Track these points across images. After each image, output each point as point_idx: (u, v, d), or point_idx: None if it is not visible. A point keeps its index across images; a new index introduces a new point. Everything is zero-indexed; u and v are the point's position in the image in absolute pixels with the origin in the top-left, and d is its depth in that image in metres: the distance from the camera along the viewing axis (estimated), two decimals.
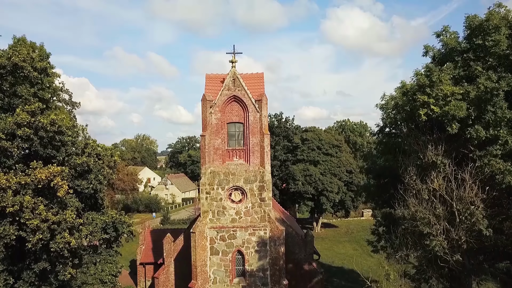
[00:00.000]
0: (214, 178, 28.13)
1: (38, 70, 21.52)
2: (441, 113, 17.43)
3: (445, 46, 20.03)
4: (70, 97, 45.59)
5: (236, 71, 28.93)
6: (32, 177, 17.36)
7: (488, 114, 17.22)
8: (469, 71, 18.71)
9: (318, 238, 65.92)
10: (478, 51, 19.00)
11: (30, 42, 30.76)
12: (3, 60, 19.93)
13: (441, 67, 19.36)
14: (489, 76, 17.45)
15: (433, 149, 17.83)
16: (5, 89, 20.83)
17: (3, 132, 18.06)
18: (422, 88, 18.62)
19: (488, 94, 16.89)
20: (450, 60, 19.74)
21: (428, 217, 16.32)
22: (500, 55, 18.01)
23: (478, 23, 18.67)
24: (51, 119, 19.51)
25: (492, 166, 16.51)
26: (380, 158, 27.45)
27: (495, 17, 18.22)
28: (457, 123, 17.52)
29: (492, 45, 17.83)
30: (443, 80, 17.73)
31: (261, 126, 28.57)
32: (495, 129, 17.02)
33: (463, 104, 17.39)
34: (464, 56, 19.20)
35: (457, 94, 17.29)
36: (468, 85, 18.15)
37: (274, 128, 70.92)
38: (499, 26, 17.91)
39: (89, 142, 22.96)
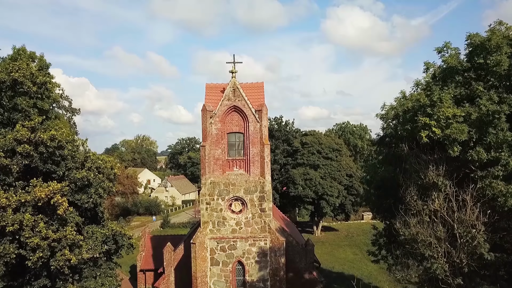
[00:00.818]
0: (214, 189, 28.10)
1: (38, 84, 21.45)
2: (443, 136, 17.40)
3: (446, 64, 19.94)
4: (70, 103, 45.62)
5: (236, 81, 28.90)
6: (32, 195, 17.31)
7: (489, 136, 17.18)
8: (470, 91, 18.65)
9: (318, 242, 65.91)
10: (479, 70, 18.94)
11: (30, 52, 30.79)
12: (3, 75, 19.88)
13: (442, 86, 19.30)
14: (490, 97, 17.40)
15: (434, 169, 17.81)
16: (5, 103, 20.77)
17: (3, 149, 18.00)
18: (423, 108, 18.58)
19: (490, 116, 16.85)
20: (451, 78, 19.65)
21: (429, 239, 16.29)
22: (501, 75, 17.96)
23: (480, 42, 18.60)
24: (51, 134, 19.46)
25: (494, 188, 16.48)
26: (380, 168, 27.40)
27: (496, 35, 18.16)
28: (458, 146, 17.48)
29: (494, 65, 17.77)
30: (444, 100, 17.69)
31: (261, 136, 28.54)
32: (496, 151, 16.99)
33: (464, 127, 17.35)
34: (465, 75, 19.13)
35: (458, 116, 17.24)
36: (469, 105, 18.09)
37: (274, 132, 70.86)
38: (501, 46, 17.85)
39: (89, 155, 22.92)
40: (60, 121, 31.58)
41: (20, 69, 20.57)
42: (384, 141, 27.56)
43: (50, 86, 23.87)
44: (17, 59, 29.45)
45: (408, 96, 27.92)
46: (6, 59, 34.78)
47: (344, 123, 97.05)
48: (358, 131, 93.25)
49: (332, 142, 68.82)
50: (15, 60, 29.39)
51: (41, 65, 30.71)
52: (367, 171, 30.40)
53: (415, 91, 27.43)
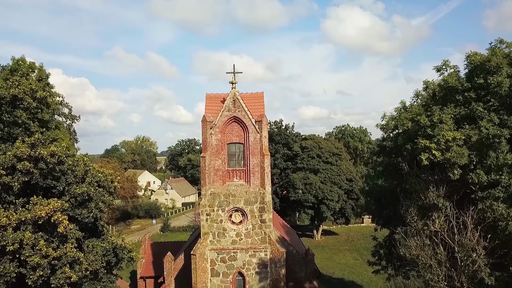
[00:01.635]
0: (214, 200, 28.09)
1: (38, 99, 21.43)
2: (443, 159, 17.39)
3: (446, 83, 19.90)
4: (70, 110, 45.60)
5: (237, 92, 28.89)
6: (33, 213, 17.30)
7: (489, 159, 17.17)
8: (470, 111, 18.63)
9: (318, 246, 66.02)
10: (479, 89, 18.92)
11: (29, 63, 30.73)
12: (3, 91, 19.85)
13: (442, 106, 19.28)
14: (490, 119, 17.39)
15: (434, 190, 17.80)
16: (5, 119, 20.75)
17: (3, 166, 17.98)
18: (423, 129, 18.57)
19: (490, 139, 16.83)
20: (451, 98, 19.62)
21: (429, 262, 16.28)
22: (502, 96, 17.93)
23: (479, 62, 18.56)
24: (51, 150, 19.45)
25: (495, 211, 16.46)
26: (380, 180, 27.41)
27: (497, 55, 18.13)
28: (458, 169, 17.46)
29: (494, 86, 17.75)
30: (444, 121, 17.67)
31: (261, 147, 28.52)
32: (496, 174, 16.98)
33: (464, 151, 17.34)
34: (466, 95, 19.11)
35: (458, 139, 17.23)
36: (470, 127, 18.07)
37: (274, 136, 70.92)
38: (501, 66, 17.82)
39: (89, 168, 22.90)
40: (60, 131, 31.54)
41: (20, 84, 20.52)
42: (384, 151, 27.55)
43: (51, 100, 23.77)
44: (17, 69, 29.48)
45: (409, 106, 27.97)
46: (6, 69, 34.82)
47: (344, 125, 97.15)
48: (358, 134, 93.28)
49: (332, 146, 68.86)
50: (15, 70, 29.43)
51: (40, 76, 30.70)
52: (367, 183, 30.39)
53: (415, 101, 27.47)
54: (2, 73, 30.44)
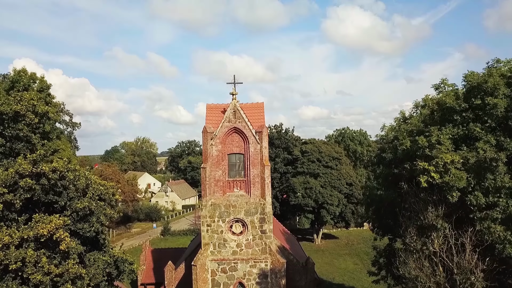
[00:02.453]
0: (214, 211, 28.23)
1: (40, 114, 21.54)
2: (441, 182, 17.52)
3: (443, 104, 20.03)
4: (70, 117, 45.70)
5: (237, 103, 29.02)
6: (35, 231, 17.43)
7: (487, 181, 17.31)
8: (468, 131, 18.78)
9: (319, 251, 66.18)
10: (477, 110, 19.05)
11: (30, 73, 30.87)
12: (5, 108, 19.97)
13: (440, 126, 19.42)
14: (488, 140, 17.53)
15: (433, 210, 17.93)
16: (7, 134, 20.87)
17: (5, 184, 18.09)
18: (422, 149, 18.70)
19: (488, 162, 16.96)
20: (449, 117, 19.75)
21: (428, 284, 16.38)
22: (498, 117, 18.07)
23: (476, 84, 18.68)
24: (53, 167, 19.58)
25: (492, 234, 16.59)
26: (379, 190, 27.56)
27: (493, 75, 18.27)
28: (457, 192, 17.60)
29: (491, 108, 17.90)
30: (442, 141, 17.82)
31: (261, 157, 28.66)
32: (494, 196, 17.12)
33: (463, 174, 17.48)
34: (463, 115, 19.25)
35: (456, 162, 17.36)
36: (467, 149, 18.21)
37: (274, 140, 71.02)
38: (498, 87, 17.96)
39: (91, 182, 23.00)
40: (61, 141, 31.64)
41: (22, 100, 20.63)
42: (384, 162, 27.69)
43: (52, 114, 23.86)
44: (18, 80, 29.60)
45: (408, 116, 28.11)
46: (7, 77, 34.94)
47: (344, 128, 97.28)
48: (358, 137, 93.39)
49: (332, 150, 68.97)
50: (16, 82, 29.54)
51: (41, 86, 30.85)
52: (367, 194, 30.50)
53: (414, 112, 27.62)
54: (3, 83, 30.61)
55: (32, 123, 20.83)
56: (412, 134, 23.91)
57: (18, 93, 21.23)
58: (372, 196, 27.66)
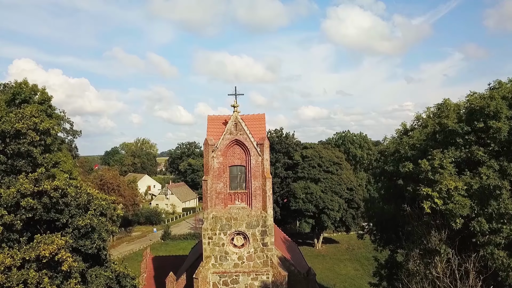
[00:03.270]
0: (216, 223, 28.19)
1: (41, 131, 21.50)
2: (445, 209, 17.51)
3: (445, 126, 19.98)
4: (71, 125, 45.66)
5: (238, 115, 28.98)
6: (37, 252, 17.38)
7: (491, 207, 17.28)
8: (471, 154, 18.75)
9: (319, 256, 66.18)
10: (479, 132, 19.01)
11: (31, 85, 30.86)
12: (6, 126, 19.92)
13: (442, 149, 19.39)
14: (491, 165, 17.51)
15: (437, 235, 17.91)
16: (8, 152, 20.83)
17: (7, 205, 18.04)
18: (424, 173, 18.68)
19: (491, 190, 16.94)
20: (451, 140, 19.72)
21: None
22: (501, 141, 18.05)
23: (479, 107, 18.64)
24: (55, 185, 19.54)
25: (496, 260, 16.55)
26: (381, 203, 27.58)
27: (495, 98, 18.26)
28: (460, 219, 17.57)
29: (493, 132, 17.88)
30: (445, 166, 17.80)
31: (263, 169, 28.61)
32: (498, 222, 17.10)
33: (466, 201, 17.46)
34: (466, 138, 19.21)
35: (460, 189, 17.34)
36: (470, 174, 18.20)
37: (275, 145, 71.01)
38: (500, 110, 17.92)
39: (93, 197, 22.95)
40: (62, 153, 31.61)
41: (23, 117, 20.58)
42: (385, 174, 27.69)
43: (54, 131, 23.77)
44: (20, 93, 29.54)
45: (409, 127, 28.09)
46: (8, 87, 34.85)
47: (344, 132, 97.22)
48: (358, 140, 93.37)
49: (332, 155, 68.95)
50: (18, 94, 29.47)
51: (42, 99, 30.82)
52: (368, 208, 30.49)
53: (416, 124, 27.61)
54: (4, 95, 30.56)
55: (34, 141, 20.77)
56: (414, 148, 23.90)
57: (20, 110, 21.13)
58: (374, 209, 27.64)
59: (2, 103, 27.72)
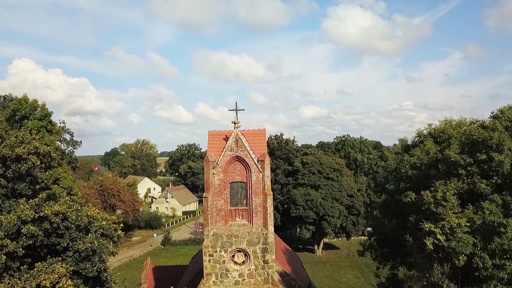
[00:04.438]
0: (217, 241, 28.13)
1: (42, 154, 21.44)
2: (447, 246, 17.46)
3: (448, 157, 19.92)
4: (71, 136, 45.57)
5: (239, 132, 28.92)
6: (37, 280, 17.35)
7: (494, 244, 17.24)
8: (473, 185, 18.71)
9: (320, 263, 66.17)
10: (482, 163, 18.95)
11: (32, 101, 30.79)
12: (7, 151, 19.86)
13: (445, 181, 19.35)
14: (494, 199, 17.48)
15: (439, 268, 17.86)
16: (9, 175, 20.79)
17: (8, 232, 17.99)
18: (427, 205, 18.65)
19: (495, 227, 16.91)
20: (453, 170, 19.67)
21: None
22: (504, 174, 18.02)
23: (481, 139, 18.56)
24: (56, 210, 19.51)
25: None
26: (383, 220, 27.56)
27: (498, 128, 18.19)
28: (464, 256, 17.53)
29: (496, 165, 17.85)
30: (448, 198, 17.76)
31: (264, 186, 28.55)
32: (501, 259, 17.05)
33: (469, 239, 17.41)
34: (468, 169, 19.16)
35: (463, 226, 17.30)
36: (473, 208, 18.16)
37: (275, 151, 70.96)
38: (503, 143, 17.84)
39: (93, 218, 22.92)
40: (62, 168, 31.54)
41: (24, 141, 20.51)
42: (386, 190, 27.67)
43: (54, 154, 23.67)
44: (19, 109, 29.46)
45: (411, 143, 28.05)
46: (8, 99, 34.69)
47: (344, 136, 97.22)
48: (358, 145, 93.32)
49: (332, 161, 68.92)
50: (18, 110, 29.39)
51: (42, 114, 30.75)
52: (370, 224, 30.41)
53: (416, 140, 27.59)
54: (4, 110, 30.49)
55: (35, 165, 20.72)
56: (415, 167, 23.86)
57: (20, 133, 21.05)
58: (375, 226, 27.62)
59: (3, 118, 27.70)
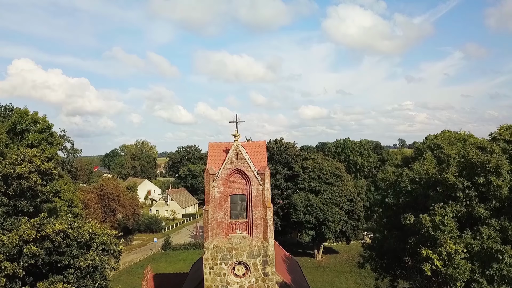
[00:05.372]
0: (217, 253, 28.25)
1: (43, 171, 21.55)
2: (445, 272, 17.57)
3: (446, 181, 20.03)
4: (72, 144, 45.64)
5: (239, 144, 29.02)
6: None
7: (492, 270, 17.37)
8: (472, 209, 18.82)
9: (320, 267, 66.31)
10: (480, 186, 19.05)
11: (32, 114, 30.89)
12: (8, 169, 19.96)
13: (444, 204, 19.47)
14: (491, 224, 17.59)
15: None
16: (10, 193, 20.89)
17: (9, 253, 18.08)
18: (426, 229, 18.78)
19: (493, 253, 17.03)
20: (451, 193, 19.77)
21: None
22: (503, 198, 18.14)
23: (480, 163, 18.67)
24: (57, 229, 19.61)
25: None
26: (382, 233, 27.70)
27: (495, 151, 18.29)
28: (461, 282, 17.65)
29: (494, 190, 17.97)
30: (446, 223, 17.88)
31: (264, 199, 28.66)
32: (499, 285, 17.16)
33: (467, 266, 17.52)
34: (467, 192, 19.27)
35: (461, 252, 17.42)
36: (471, 233, 18.27)
37: (275, 155, 71.07)
38: (500, 166, 17.94)
39: (95, 234, 23.00)
40: (63, 179, 31.65)
41: (25, 159, 20.61)
42: (386, 204, 27.79)
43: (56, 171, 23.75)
44: (20, 122, 29.56)
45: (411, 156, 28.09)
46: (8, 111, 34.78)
47: (344, 139, 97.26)
48: (358, 149, 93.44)
49: (332, 167, 69.01)
50: (19, 123, 29.48)
51: (43, 127, 30.85)
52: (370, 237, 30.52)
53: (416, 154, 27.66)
54: (6, 123, 30.58)
55: (36, 183, 20.83)
56: (414, 182, 23.96)
57: (21, 151, 21.15)
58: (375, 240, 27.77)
59: (3, 131, 27.80)
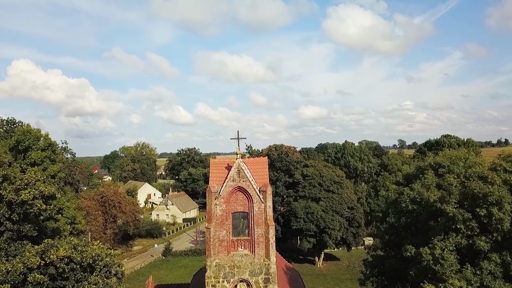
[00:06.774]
0: (219, 271, 28.36)
1: (46, 196, 21.66)
2: None
3: (446, 213, 20.14)
4: (73, 156, 45.78)
5: (241, 162, 29.13)
6: None
7: None
8: (473, 243, 18.95)
9: (320, 275, 66.44)
10: (481, 217, 19.17)
11: (35, 130, 30.98)
12: (12, 196, 20.07)
13: (444, 237, 19.60)
14: (492, 258, 17.73)
15: None
16: (14, 219, 21.00)
17: (14, 281, 18.20)
18: (426, 262, 18.94)
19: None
20: (452, 225, 19.89)
21: None
22: (504, 231, 18.27)
23: (482, 195, 18.78)
24: (61, 255, 19.73)
25: None
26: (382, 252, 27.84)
27: (496, 182, 18.42)
28: None
29: (496, 222, 18.10)
30: (446, 257, 18.03)
31: (266, 217, 28.76)
32: None
33: None
34: (467, 224, 19.38)
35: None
36: (472, 268, 18.42)
37: (275, 162, 71.20)
38: (502, 198, 18.04)
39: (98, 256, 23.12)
40: (65, 196, 31.76)
41: (29, 184, 20.72)
42: (387, 220, 27.91)
43: (59, 194, 23.89)
44: (23, 140, 29.67)
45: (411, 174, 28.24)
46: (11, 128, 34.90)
47: (343, 144, 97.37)
48: (358, 154, 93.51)
49: (333, 174, 69.13)
50: (22, 142, 29.59)
51: (46, 144, 30.96)
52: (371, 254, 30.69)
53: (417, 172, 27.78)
54: (8, 141, 30.68)
55: (40, 209, 20.95)
56: (414, 202, 24.08)
57: (24, 176, 21.24)
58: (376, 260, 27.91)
59: (6, 149, 27.89)
